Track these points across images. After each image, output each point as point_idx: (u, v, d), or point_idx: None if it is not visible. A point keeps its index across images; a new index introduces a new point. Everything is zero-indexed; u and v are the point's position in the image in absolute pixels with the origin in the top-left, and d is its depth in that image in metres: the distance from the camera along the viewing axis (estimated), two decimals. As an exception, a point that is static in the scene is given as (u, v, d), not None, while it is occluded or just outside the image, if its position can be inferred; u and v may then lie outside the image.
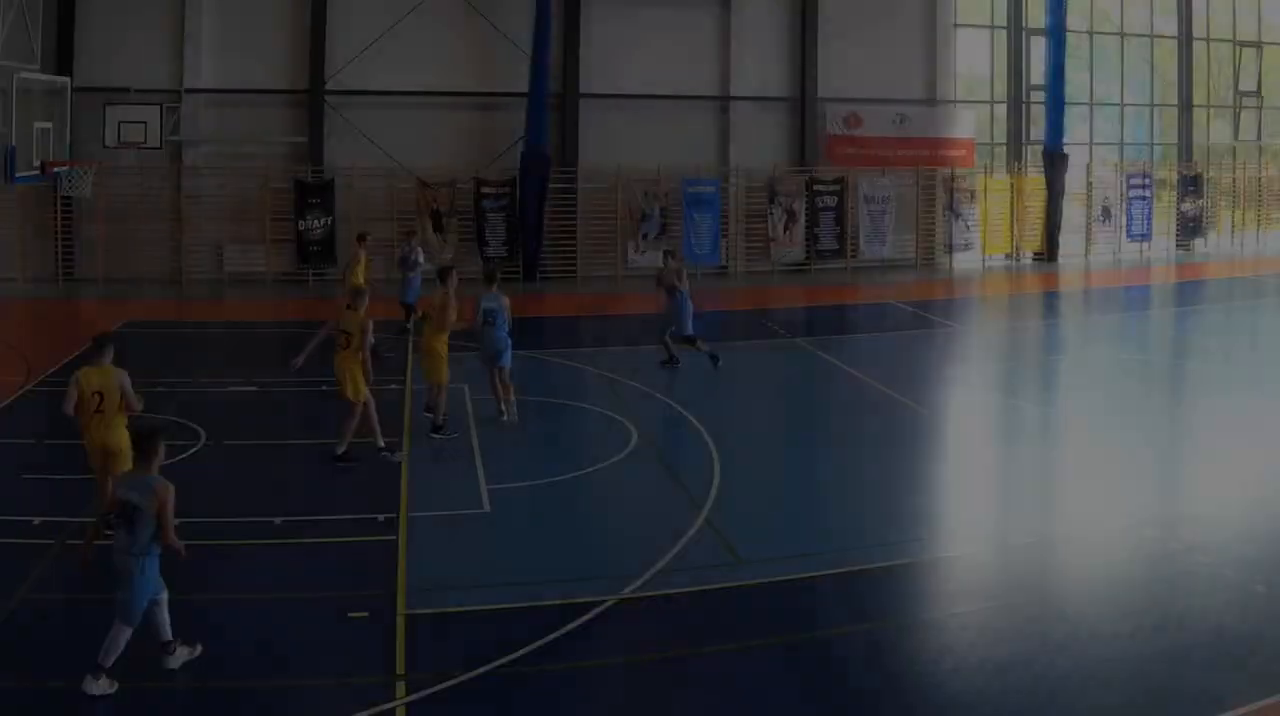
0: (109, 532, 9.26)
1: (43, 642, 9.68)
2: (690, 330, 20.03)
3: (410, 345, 20.05)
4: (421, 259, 23.44)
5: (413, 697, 8.75)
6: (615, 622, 10.19)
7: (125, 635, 8.78)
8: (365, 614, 10.11)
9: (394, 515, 12.70)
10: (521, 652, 9.38)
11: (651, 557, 11.35)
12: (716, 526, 12.37)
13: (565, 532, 12.65)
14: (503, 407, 16.38)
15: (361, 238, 23.23)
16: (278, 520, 12.49)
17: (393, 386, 18.45)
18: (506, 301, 16.68)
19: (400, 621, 10.01)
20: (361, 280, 21.87)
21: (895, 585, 11.05)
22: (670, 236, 31.39)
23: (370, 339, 14.98)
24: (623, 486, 14.15)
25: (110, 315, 25.17)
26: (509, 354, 16.49)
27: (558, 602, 10.31)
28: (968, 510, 13.61)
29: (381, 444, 14.98)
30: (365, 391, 14.79)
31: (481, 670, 9.09)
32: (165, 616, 9.09)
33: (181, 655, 9.16)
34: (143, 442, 9.17)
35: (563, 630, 9.82)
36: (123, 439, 11.47)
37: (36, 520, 12.35)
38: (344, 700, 8.71)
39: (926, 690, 8.97)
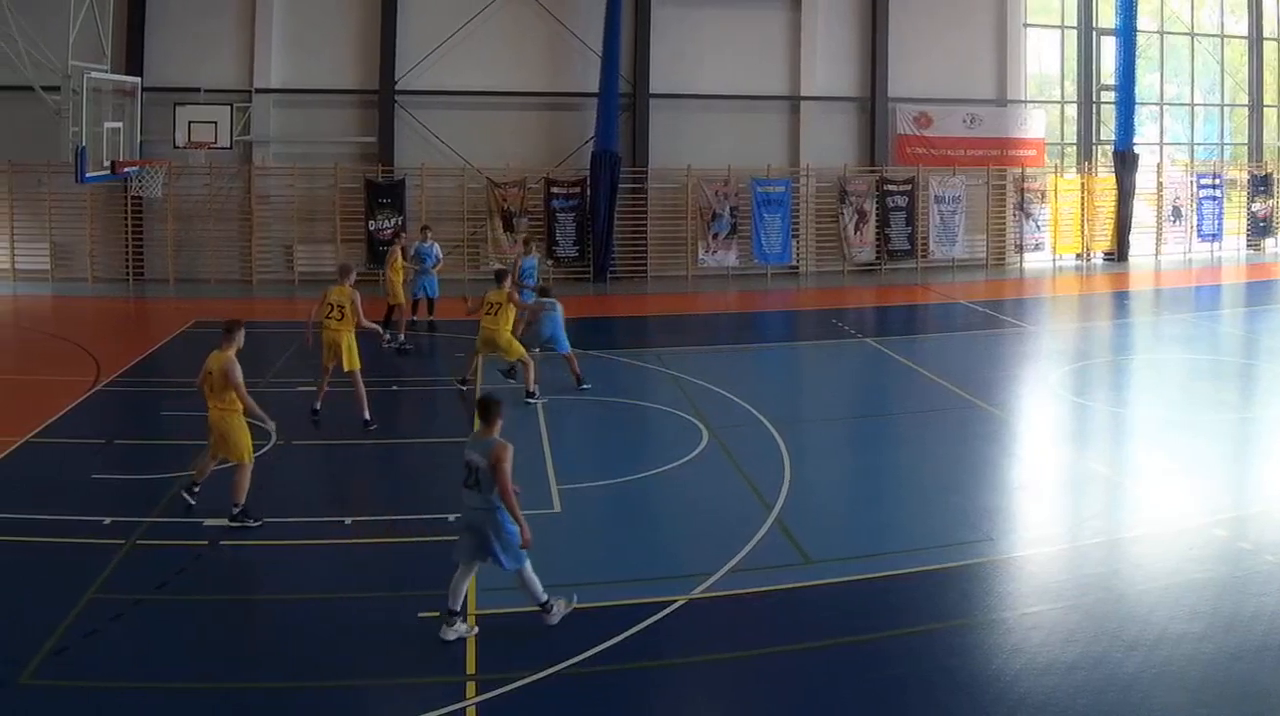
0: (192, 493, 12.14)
1: (110, 642, 9.65)
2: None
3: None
4: (439, 254, 23.75)
5: (483, 697, 8.75)
6: (685, 623, 10.18)
7: (531, 574, 9.73)
8: (436, 613, 10.05)
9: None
10: (591, 652, 9.40)
11: (722, 558, 11.35)
12: (786, 526, 12.33)
13: (635, 533, 12.58)
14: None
15: (397, 234, 23.26)
16: (348, 520, 12.56)
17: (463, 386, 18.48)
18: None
19: (471, 621, 10.00)
20: (399, 278, 22.19)
21: (965, 585, 10.96)
22: (741, 237, 31.32)
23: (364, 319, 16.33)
24: (693, 486, 14.01)
25: (180, 315, 25.21)
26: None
27: (627, 602, 10.33)
28: (1037, 510, 13.44)
29: (368, 416, 16.08)
30: (358, 362, 16.11)
31: (551, 670, 9.10)
32: (533, 579, 9.79)
33: (559, 610, 9.92)
34: (488, 410, 9.91)
35: (633, 630, 9.83)
36: (228, 422, 12.39)
37: (107, 520, 12.36)
38: (415, 699, 8.74)
39: (997, 690, 8.87)
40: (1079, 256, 34.72)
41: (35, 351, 22.41)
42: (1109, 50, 34.67)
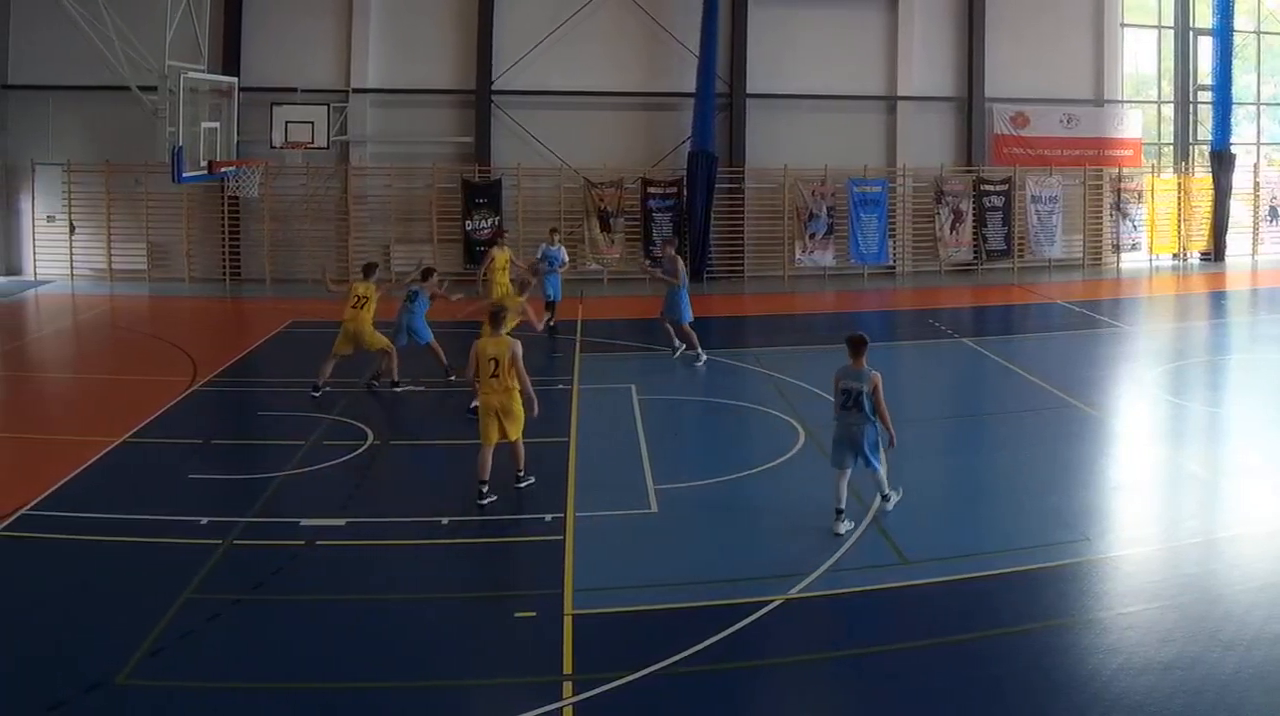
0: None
1: (206, 643, 9.61)
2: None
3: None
4: (565, 257, 23.55)
5: (579, 698, 8.69)
6: (782, 623, 10.09)
7: (880, 475, 12.15)
8: (532, 613, 10.09)
9: (561, 515, 12.60)
10: (688, 653, 9.32)
11: (818, 558, 11.30)
12: (883, 526, 12.24)
13: (732, 533, 12.43)
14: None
15: (498, 235, 23.25)
16: (445, 520, 12.47)
17: (559, 386, 18.20)
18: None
19: (567, 621, 9.96)
20: (505, 278, 21.76)
21: (1061, 585, 10.83)
22: (838, 237, 30.97)
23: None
24: (789, 486, 13.82)
25: (276, 315, 25.08)
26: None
27: (724, 603, 10.26)
28: (1134, 510, 13.23)
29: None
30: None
31: (648, 670, 9.04)
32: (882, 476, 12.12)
33: (894, 498, 12.36)
34: (860, 345, 11.92)
35: (729, 630, 9.75)
36: (514, 401, 13.01)
37: (204, 520, 12.32)
38: (511, 700, 8.69)
39: (1093, 690, 8.74)
40: (1175, 256, 34.07)
41: (132, 351, 22.36)
42: (1206, 50, 34.07)
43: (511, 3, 30.17)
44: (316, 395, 17.53)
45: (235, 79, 27.13)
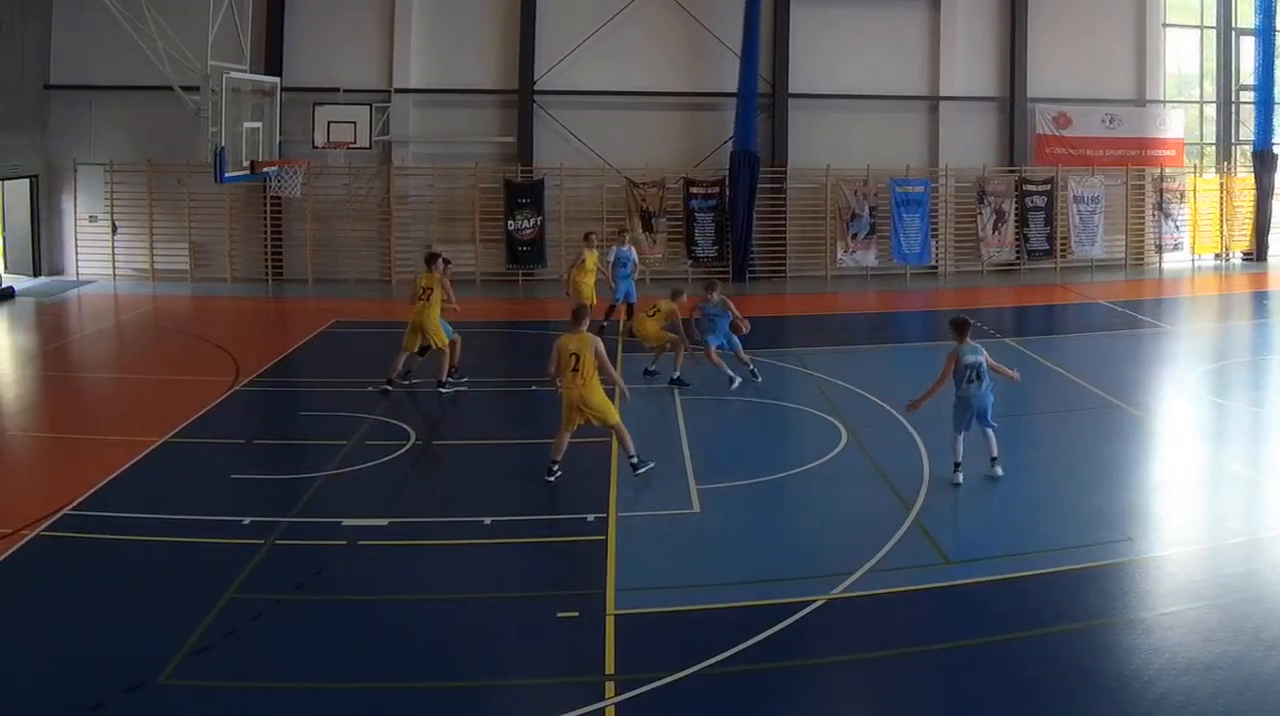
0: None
1: (249, 642, 9.61)
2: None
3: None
4: (636, 258, 23.51)
5: (622, 698, 8.70)
6: (824, 622, 10.09)
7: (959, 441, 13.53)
8: (575, 613, 10.08)
9: (603, 515, 12.61)
10: (730, 653, 9.32)
11: (861, 557, 11.27)
12: (925, 526, 12.22)
13: (774, 533, 12.43)
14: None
15: (587, 236, 22.98)
16: (487, 520, 12.44)
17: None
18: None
19: (610, 621, 9.96)
20: (591, 280, 21.85)
21: (1103, 585, 10.81)
22: (880, 237, 30.82)
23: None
24: (832, 486, 13.85)
25: (319, 315, 25.00)
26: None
27: (767, 603, 10.26)
28: (1176, 510, 13.17)
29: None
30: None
31: (691, 670, 9.03)
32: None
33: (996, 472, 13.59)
34: (964, 326, 13.67)
35: (772, 630, 9.74)
36: (595, 393, 13.38)
37: (246, 520, 12.33)
38: (553, 700, 8.69)
39: (1135, 690, 8.72)
40: (1218, 256, 33.76)
41: (175, 351, 22.33)
42: (1248, 50, 33.82)
43: (553, 2, 30.03)
44: (390, 389, 17.59)
45: (278, 79, 27.08)
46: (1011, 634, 9.74)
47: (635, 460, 13.62)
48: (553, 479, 13.34)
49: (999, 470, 13.48)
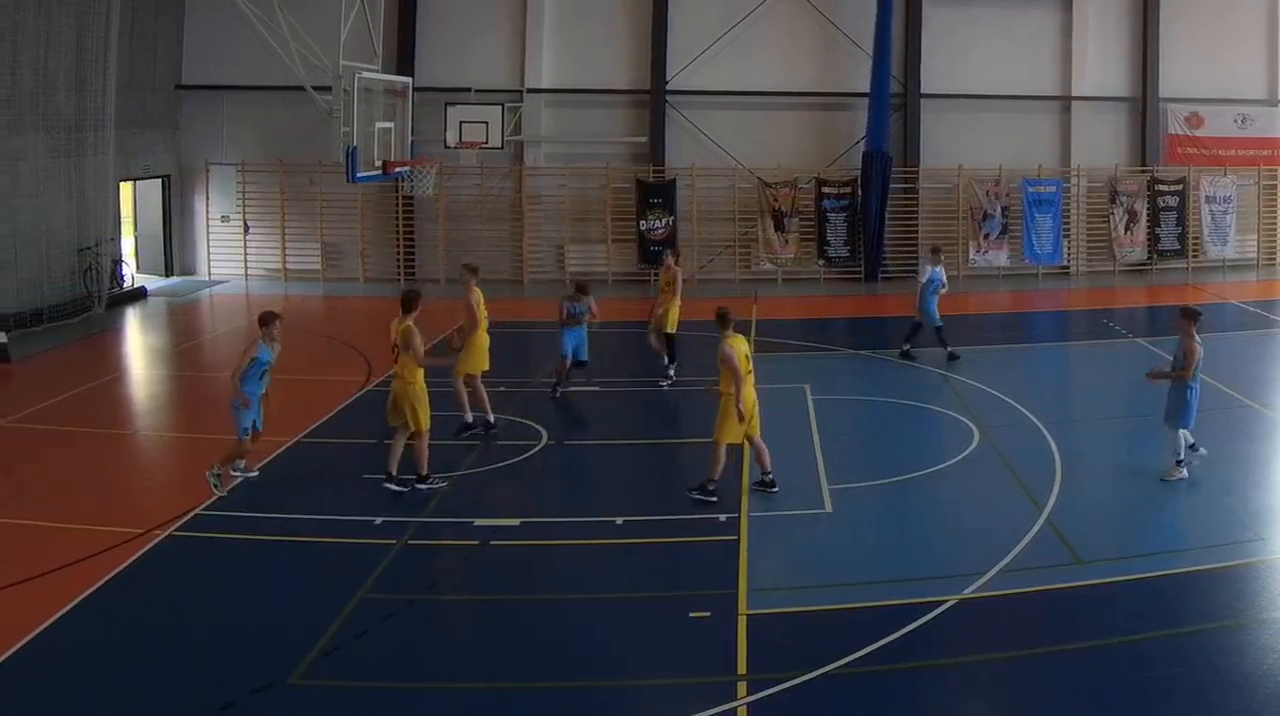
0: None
1: (381, 642, 9.57)
2: None
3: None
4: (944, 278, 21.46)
5: (754, 697, 8.66)
6: (957, 623, 9.99)
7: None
8: (707, 613, 10.03)
9: (735, 515, 12.52)
10: (862, 653, 9.25)
11: (993, 557, 11.17)
12: (1058, 526, 12.09)
13: (906, 533, 12.32)
14: None
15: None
16: (619, 520, 12.38)
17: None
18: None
19: (742, 621, 9.90)
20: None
21: (1236, 585, 10.68)
22: (1012, 237, 30.47)
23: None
24: (964, 486, 13.76)
25: (451, 315, 24.74)
26: None
27: (898, 603, 10.18)
28: None
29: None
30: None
31: (822, 670, 8.96)
32: None
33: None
34: (1194, 316, 13.65)
35: (904, 630, 9.67)
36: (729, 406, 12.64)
37: (378, 520, 12.34)
38: (686, 699, 8.66)
39: (1268, 690, 8.61)
40: (1349, 257, 33.50)
41: (307, 351, 22.02)
42: (1381, 48, 33.35)
43: (685, 3, 29.82)
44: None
45: (410, 79, 26.85)
46: (1143, 634, 9.64)
47: (770, 477, 13.15)
48: (715, 499, 12.73)
49: (1203, 450, 13.64)
